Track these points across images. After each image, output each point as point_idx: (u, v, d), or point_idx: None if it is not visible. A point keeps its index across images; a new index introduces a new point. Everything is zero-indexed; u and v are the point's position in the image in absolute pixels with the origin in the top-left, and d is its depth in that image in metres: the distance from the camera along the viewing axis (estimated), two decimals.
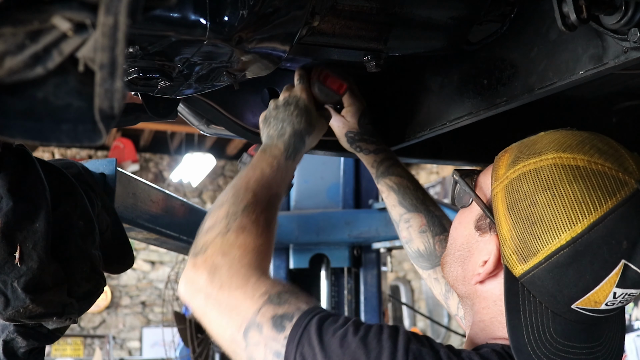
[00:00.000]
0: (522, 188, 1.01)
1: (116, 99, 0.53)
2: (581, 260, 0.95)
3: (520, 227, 1.00)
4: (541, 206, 0.98)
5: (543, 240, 0.97)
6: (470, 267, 1.11)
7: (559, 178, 0.98)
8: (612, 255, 0.95)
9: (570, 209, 0.96)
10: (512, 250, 1.00)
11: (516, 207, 1.01)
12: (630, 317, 4.92)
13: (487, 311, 1.10)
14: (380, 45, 1.42)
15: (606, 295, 0.97)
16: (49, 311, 1.29)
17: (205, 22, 1.01)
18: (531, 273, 0.99)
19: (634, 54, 1.10)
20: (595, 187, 0.96)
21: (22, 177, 1.28)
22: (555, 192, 0.97)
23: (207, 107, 1.67)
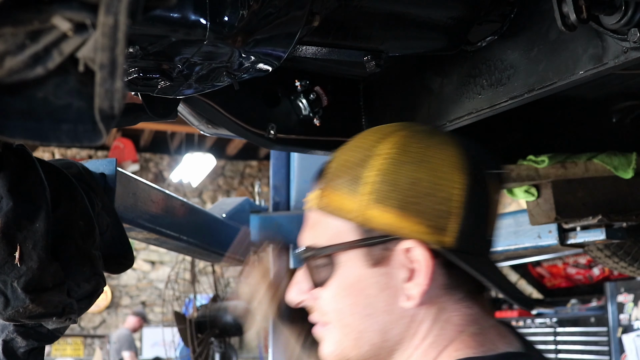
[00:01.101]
0: (398, 183, 0.97)
1: (116, 99, 0.53)
2: (479, 186, 0.98)
3: (422, 209, 0.96)
4: (423, 176, 0.96)
5: (449, 195, 0.96)
6: (395, 304, 0.99)
7: (411, 147, 0.98)
8: (483, 168, 1.00)
9: (443, 155, 0.98)
10: (432, 232, 0.96)
11: (405, 200, 0.96)
12: (630, 317, 4.92)
13: (431, 321, 1.00)
14: (380, 46, 1.42)
15: (496, 205, 1.03)
16: (48, 311, 1.30)
17: (205, 22, 1.01)
18: (460, 234, 0.96)
19: (633, 54, 1.10)
20: (432, 133, 1.02)
21: (22, 177, 1.28)
22: (420, 158, 0.97)
23: (207, 107, 1.67)
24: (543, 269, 5.83)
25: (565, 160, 1.95)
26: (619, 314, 4.83)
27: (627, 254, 2.71)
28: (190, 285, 5.41)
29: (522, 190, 2.01)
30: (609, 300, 4.72)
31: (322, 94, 1.75)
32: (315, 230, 1.04)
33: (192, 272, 5.43)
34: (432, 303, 0.99)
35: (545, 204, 1.99)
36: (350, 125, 1.86)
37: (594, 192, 2.03)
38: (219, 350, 5.12)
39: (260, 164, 11.46)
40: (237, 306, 5.28)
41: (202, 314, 5.13)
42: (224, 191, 11.23)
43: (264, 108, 1.77)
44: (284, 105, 1.79)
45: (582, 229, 2.11)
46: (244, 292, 1.66)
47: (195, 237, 2.14)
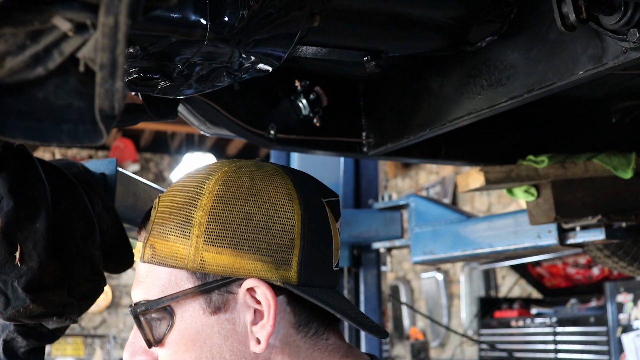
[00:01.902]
0: (225, 223, 0.91)
1: (117, 99, 0.53)
2: (314, 216, 0.95)
3: (259, 245, 0.90)
4: (254, 214, 0.91)
5: (285, 227, 0.91)
6: (244, 350, 0.92)
7: (234, 184, 0.93)
8: (318, 198, 0.97)
9: (273, 187, 0.93)
10: (274, 269, 0.91)
11: (242, 238, 0.90)
12: (630, 316, 4.92)
13: (290, 355, 0.94)
14: (380, 46, 1.43)
15: (338, 236, 0.98)
16: (49, 311, 1.30)
17: (205, 22, 1.01)
18: (302, 267, 0.92)
19: (633, 54, 1.10)
20: (257, 168, 0.97)
21: (23, 177, 1.28)
22: (253, 196, 0.92)
23: (207, 107, 1.67)
24: (543, 269, 5.83)
25: (564, 160, 1.95)
26: (618, 313, 4.82)
27: (627, 254, 2.71)
28: None
29: (522, 190, 2.02)
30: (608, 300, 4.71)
31: (322, 94, 1.76)
32: (144, 283, 0.95)
33: None
34: (286, 343, 0.94)
35: (545, 204, 2.00)
36: (350, 125, 1.86)
37: (594, 192, 2.03)
38: None
39: None
40: None
41: None
42: None
43: (264, 108, 1.77)
44: (284, 105, 1.79)
45: (581, 228, 2.11)
46: None
47: None
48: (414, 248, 2.64)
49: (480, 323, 5.63)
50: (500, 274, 6.99)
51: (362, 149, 1.86)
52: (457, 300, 7.79)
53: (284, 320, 0.93)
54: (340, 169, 3.16)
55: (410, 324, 9.40)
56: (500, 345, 5.24)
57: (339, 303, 0.95)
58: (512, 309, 5.46)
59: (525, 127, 2.02)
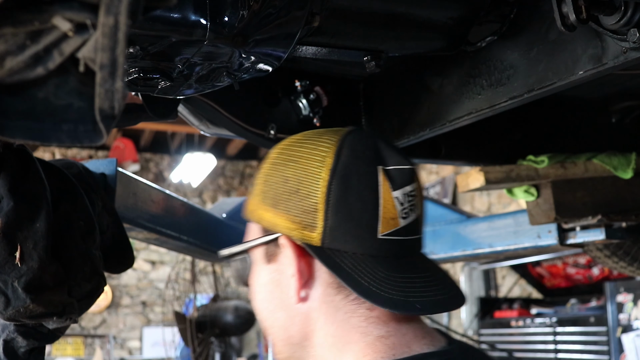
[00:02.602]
0: (270, 183, 1.02)
1: (117, 99, 0.53)
2: (350, 183, 0.97)
3: (291, 206, 0.99)
4: (292, 175, 1.00)
5: (312, 192, 0.97)
6: (288, 298, 1.01)
7: (289, 150, 1.03)
8: (368, 165, 0.98)
9: (314, 155, 1.00)
10: (301, 229, 0.98)
11: (278, 198, 1.00)
12: (630, 316, 4.92)
13: (326, 321, 1.00)
14: (380, 46, 1.43)
15: (393, 204, 0.97)
16: (49, 311, 1.30)
17: (205, 22, 1.01)
18: (327, 229, 0.96)
19: (633, 54, 1.10)
20: (322, 134, 1.03)
21: (23, 177, 1.29)
22: (293, 158, 1.01)
23: (207, 107, 1.67)
24: (543, 269, 5.83)
25: (564, 160, 1.95)
26: (618, 313, 4.82)
27: (627, 254, 2.71)
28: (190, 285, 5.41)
29: (522, 190, 2.01)
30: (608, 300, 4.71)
31: (322, 94, 1.76)
32: (245, 235, 1.09)
33: (192, 272, 5.43)
34: (323, 302, 1.00)
35: (545, 204, 1.99)
36: (350, 125, 1.86)
37: (594, 192, 2.03)
38: (219, 349, 5.13)
39: (260, 164, 11.45)
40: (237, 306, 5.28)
41: (202, 314, 5.13)
42: (224, 191, 11.23)
43: (264, 108, 1.77)
44: (284, 105, 1.79)
45: (581, 228, 2.11)
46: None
47: (195, 237, 2.14)
48: None
49: (480, 323, 5.63)
50: (500, 274, 6.99)
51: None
52: None
53: (321, 278, 1.00)
54: None
55: None
56: (500, 345, 5.24)
57: (364, 272, 0.96)
58: (512, 309, 5.46)
59: (525, 127, 2.02)
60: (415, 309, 0.96)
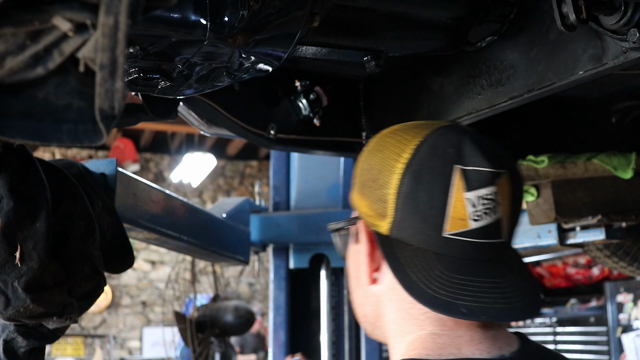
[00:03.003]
0: (361, 169, 1.07)
1: (117, 99, 0.53)
2: (422, 179, 0.98)
3: (370, 193, 1.03)
4: (376, 164, 1.04)
5: (386, 183, 1.00)
6: (363, 278, 1.08)
7: (381, 140, 1.07)
8: (444, 163, 0.98)
9: (395, 147, 1.02)
10: (374, 216, 1.02)
11: (363, 183, 1.06)
12: (630, 316, 4.92)
13: (392, 304, 1.04)
14: (380, 45, 1.42)
15: (463, 205, 0.97)
16: (49, 311, 1.30)
17: (205, 22, 1.01)
18: (395, 220, 0.99)
19: (633, 54, 1.10)
20: (412, 127, 1.05)
21: (23, 177, 1.28)
22: (380, 148, 1.05)
23: (207, 107, 1.67)
24: (543, 269, 5.83)
25: (564, 160, 1.95)
26: (618, 313, 4.82)
27: (627, 254, 2.70)
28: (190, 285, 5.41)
29: None
30: (608, 300, 4.71)
31: (322, 94, 1.76)
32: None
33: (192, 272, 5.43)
34: (391, 289, 1.04)
35: (545, 204, 1.99)
36: (350, 125, 1.86)
37: (594, 192, 2.03)
38: (219, 350, 5.12)
39: (260, 164, 11.46)
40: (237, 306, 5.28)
41: (202, 314, 5.13)
42: (224, 191, 11.23)
43: (264, 108, 1.77)
44: (284, 105, 1.79)
45: (581, 228, 2.10)
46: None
47: (195, 237, 2.14)
48: None
49: None
50: None
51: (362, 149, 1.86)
52: None
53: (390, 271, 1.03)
54: (340, 169, 3.16)
55: None
56: None
57: (419, 268, 0.99)
58: None
59: (525, 127, 2.02)
60: (458, 312, 0.96)
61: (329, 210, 3.06)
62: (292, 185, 3.16)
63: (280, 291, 3.07)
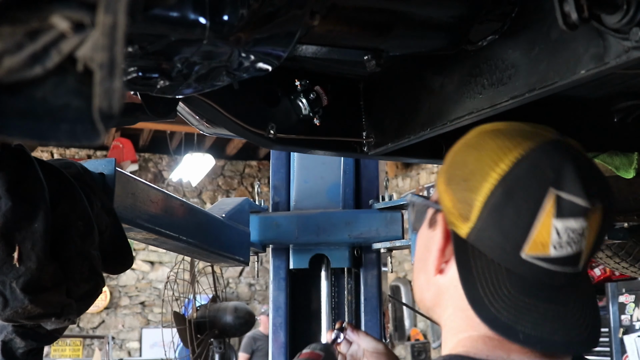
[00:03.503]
0: (455, 160, 1.05)
1: (115, 99, 0.53)
2: (514, 195, 0.96)
3: (457, 190, 1.01)
4: (471, 163, 1.01)
5: (477, 188, 0.98)
6: (430, 265, 1.09)
7: (482, 138, 1.03)
8: (541, 185, 0.95)
9: (494, 154, 0.98)
10: (456, 215, 1.01)
11: (452, 176, 1.04)
12: (632, 317, 4.91)
13: (451, 301, 1.06)
14: (380, 45, 1.42)
15: (549, 231, 0.95)
16: (47, 312, 1.29)
17: (204, 21, 1.00)
18: (476, 227, 0.98)
19: (635, 53, 1.09)
20: (516, 135, 1.00)
21: (21, 177, 1.28)
22: (480, 148, 1.02)
23: (206, 106, 1.66)
24: None
25: None
26: (620, 314, 4.82)
27: (629, 255, 2.70)
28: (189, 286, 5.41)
29: None
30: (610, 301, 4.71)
31: (322, 93, 1.75)
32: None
33: (191, 273, 5.43)
34: (454, 286, 1.04)
35: None
36: (350, 125, 1.86)
37: None
38: (218, 350, 5.12)
39: (260, 164, 11.46)
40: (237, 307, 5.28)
41: (201, 315, 5.13)
42: (223, 191, 11.23)
43: (264, 108, 1.76)
44: (283, 105, 1.79)
45: None
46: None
47: (194, 237, 2.13)
48: (415, 248, 2.63)
49: None
50: None
51: (363, 149, 1.86)
52: None
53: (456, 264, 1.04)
54: (340, 169, 3.16)
55: (411, 325, 9.41)
56: None
57: (482, 280, 0.99)
58: None
59: None
60: (516, 338, 0.97)
61: (329, 210, 3.06)
62: (292, 185, 3.16)
63: (280, 292, 3.06)
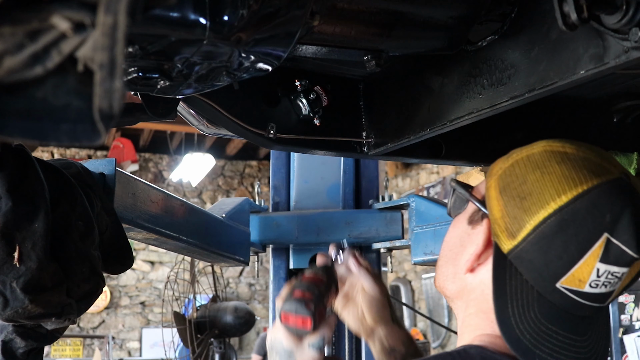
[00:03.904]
0: (514, 172, 1.06)
1: (115, 99, 0.53)
2: (566, 230, 0.97)
3: (510, 205, 1.03)
4: (531, 183, 1.02)
5: (531, 211, 1.00)
6: (462, 261, 1.13)
7: (548, 159, 1.04)
8: (596, 227, 0.97)
9: (557, 182, 1.00)
10: (502, 228, 1.03)
11: (508, 188, 1.05)
12: (632, 317, 4.91)
13: (476, 302, 1.10)
14: (380, 45, 1.42)
15: (590, 271, 0.98)
16: (48, 311, 1.29)
17: (205, 21, 1.00)
18: (519, 247, 1.01)
19: (635, 53, 1.09)
20: (582, 167, 1.02)
21: (21, 177, 1.28)
22: (544, 170, 1.03)
23: (206, 106, 1.66)
24: None
25: None
26: (620, 314, 4.82)
27: None
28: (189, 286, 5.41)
29: None
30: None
31: (322, 93, 1.75)
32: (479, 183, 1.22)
33: (191, 273, 5.43)
34: (482, 290, 1.08)
35: None
36: (350, 126, 1.86)
37: None
38: (218, 350, 5.12)
39: (260, 164, 11.46)
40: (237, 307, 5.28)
41: (201, 315, 5.13)
42: (223, 191, 11.23)
43: (264, 108, 1.77)
44: (284, 105, 1.79)
45: None
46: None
47: (195, 237, 2.14)
48: (415, 248, 2.63)
49: None
50: None
51: (363, 149, 1.86)
52: None
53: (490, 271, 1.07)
54: (340, 169, 3.16)
55: (411, 324, 9.40)
56: None
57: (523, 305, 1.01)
58: None
59: (526, 127, 2.01)
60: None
61: (329, 210, 3.06)
62: (292, 185, 3.16)
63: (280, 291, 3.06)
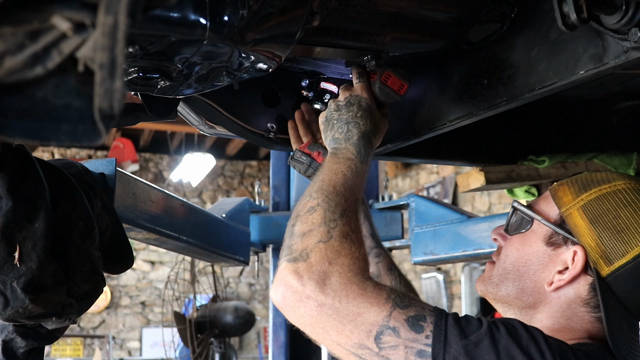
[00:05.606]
0: (603, 206, 1.21)
1: (116, 99, 0.53)
2: None
3: (606, 235, 1.19)
4: (625, 219, 1.19)
5: (631, 243, 1.17)
6: (541, 279, 1.25)
7: (636, 198, 1.21)
8: None
9: None
10: (599, 255, 1.19)
11: (600, 220, 1.20)
12: None
13: (562, 314, 1.24)
14: (380, 45, 1.42)
15: None
16: (48, 311, 1.29)
17: (205, 22, 1.00)
18: (617, 273, 1.17)
19: (634, 53, 1.09)
20: None
21: (22, 177, 1.28)
22: (635, 207, 1.20)
23: (207, 107, 1.67)
24: None
25: (565, 160, 1.95)
26: None
27: None
28: (189, 286, 5.41)
29: (523, 190, 2.01)
30: None
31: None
32: (541, 199, 1.33)
33: (191, 273, 5.43)
34: (563, 306, 1.23)
35: None
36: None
37: None
38: (218, 350, 5.12)
39: (260, 164, 11.46)
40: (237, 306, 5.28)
41: (201, 314, 5.13)
42: (223, 191, 11.22)
43: (264, 108, 1.77)
44: (284, 105, 1.79)
45: None
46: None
47: (195, 237, 2.14)
48: (415, 248, 2.63)
49: None
50: None
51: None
52: (458, 300, 7.79)
53: (578, 290, 1.23)
54: None
55: None
56: None
57: (618, 319, 1.19)
58: None
59: (526, 127, 2.01)
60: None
61: None
62: (292, 185, 3.16)
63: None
